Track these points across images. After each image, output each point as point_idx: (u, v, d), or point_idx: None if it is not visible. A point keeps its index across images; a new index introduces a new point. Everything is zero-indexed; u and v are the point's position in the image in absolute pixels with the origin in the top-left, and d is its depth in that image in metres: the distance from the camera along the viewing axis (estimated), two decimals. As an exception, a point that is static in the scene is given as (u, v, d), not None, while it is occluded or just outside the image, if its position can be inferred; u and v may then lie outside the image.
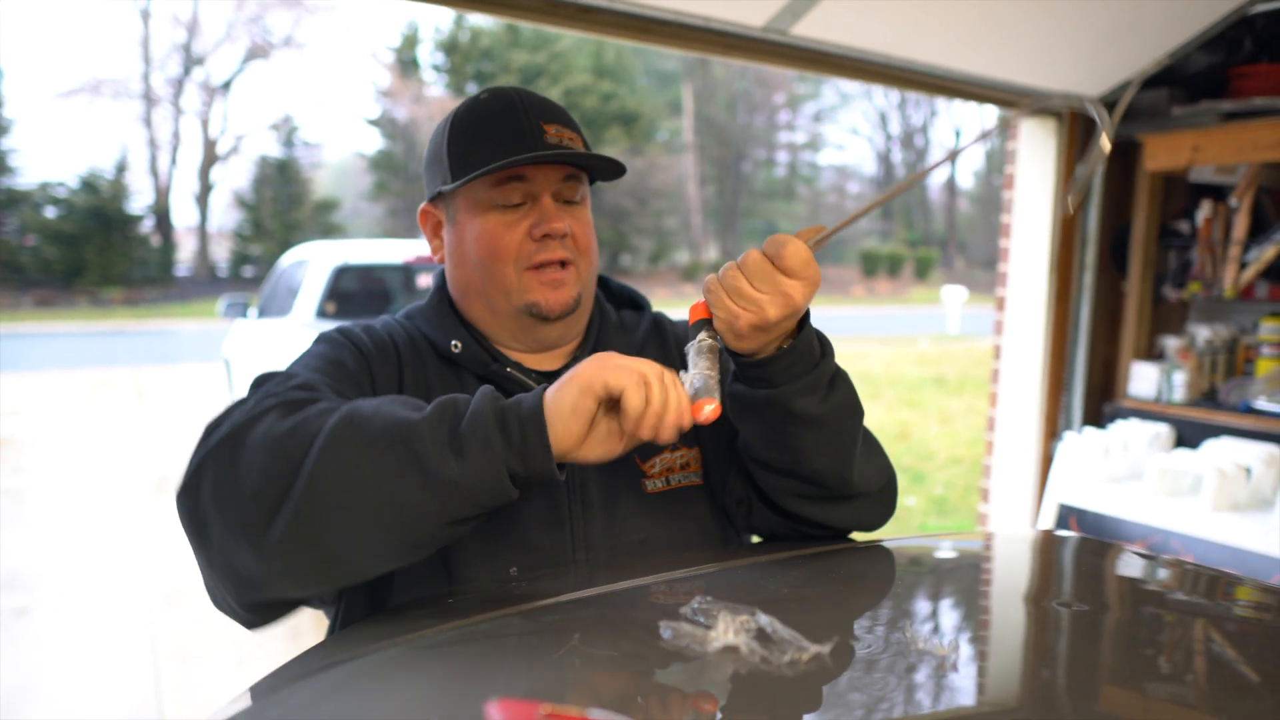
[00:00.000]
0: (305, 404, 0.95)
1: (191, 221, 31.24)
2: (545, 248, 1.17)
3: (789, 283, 0.96)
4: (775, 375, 1.03)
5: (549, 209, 1.17)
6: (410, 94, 32.47)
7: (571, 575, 1.02)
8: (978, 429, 9.59)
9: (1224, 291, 3.32)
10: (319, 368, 1.11)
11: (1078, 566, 1.14)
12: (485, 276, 1.19)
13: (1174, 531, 2.80)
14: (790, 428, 1.06)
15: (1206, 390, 3.43)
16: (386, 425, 0.89)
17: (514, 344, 1.24)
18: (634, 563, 1.04)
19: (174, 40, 30.37)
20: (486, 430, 0.89)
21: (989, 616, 0.89)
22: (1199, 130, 3.24)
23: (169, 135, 30.24)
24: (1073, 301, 3.60)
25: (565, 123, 1.20)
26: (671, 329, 1.38)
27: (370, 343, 1.19)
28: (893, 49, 2.83)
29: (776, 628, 0.63)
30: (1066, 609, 0.88)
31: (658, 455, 1.21)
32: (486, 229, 1.18)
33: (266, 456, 0.88)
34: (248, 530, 0.87)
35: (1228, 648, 0.83)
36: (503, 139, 1.15)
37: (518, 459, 0.90)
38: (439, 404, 0.92)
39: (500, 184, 1.16)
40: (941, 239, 46.74)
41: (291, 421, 0.91)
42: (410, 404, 0.93)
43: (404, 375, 1.18)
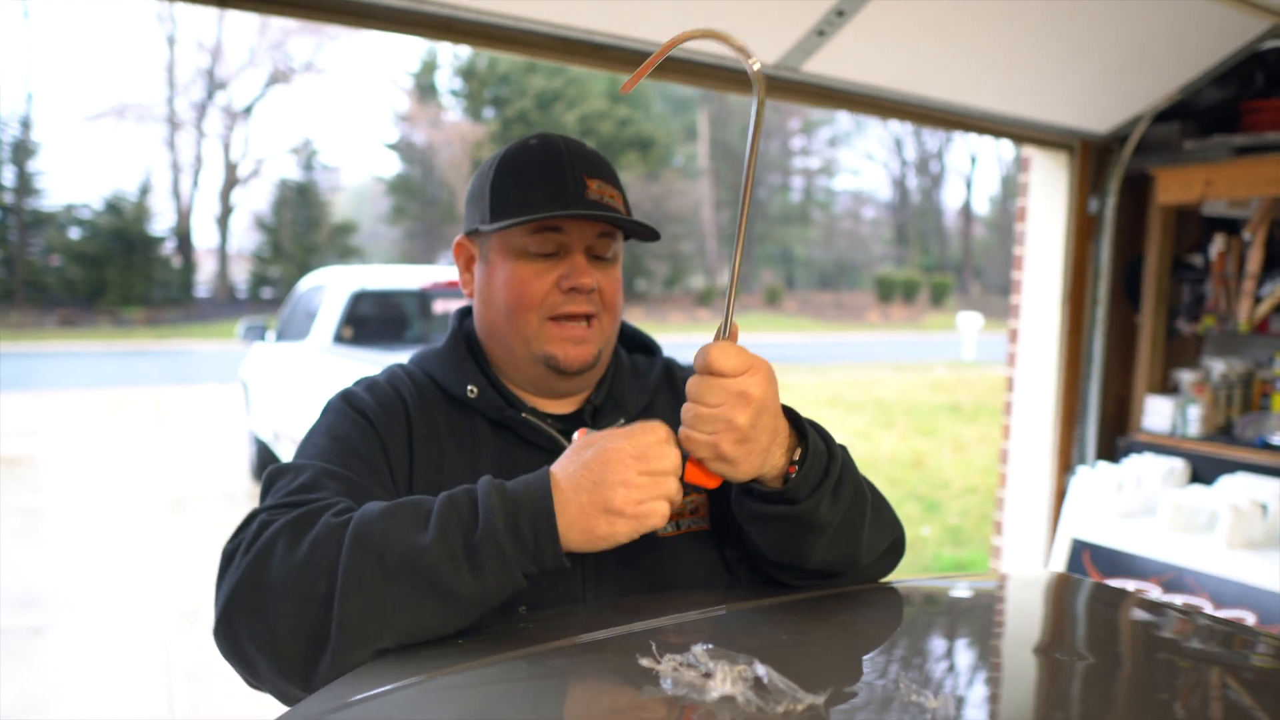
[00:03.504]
0: (313, 518, 0.97)
1: (212, 243, 31.58)
2: (571, 300, 1.19)
3: (736, 382, 0.96)
4: (798, 491, 1.04)
5: (580, 264, 1.19)
6: (428, 119, 32.81)
7: (578, 616, 1.03)
8: (993, 457, 9.54)
9: (1239, 325, 3.31)
10: (328, 451, 1.13)
11: (1086, 615, 1.14)
12: (508, 320, 1.21)
13: (1188, 568, 2.79)
14: (805, 535, 1.07)
15: (1222, 425, 3.42)
16: (400, 557, 0.92)
17: (529, 388, 1.27)
18: (641, 604, 1.05)
19: (198, 65, 30.82)
20: (499, 540, 0.92)
21: (988, 667, 0.90)
22: (1211, 164, 3.25)
23: (191, 158, 30.65)
24: (1085, 334, 3.60)
25: (608, 179, 1.23)
26: (681, 375, 1.40)
27: (376, 406, 1.20)
28: (904, 85, 2.85)
29: (773, 677, 0.65)
30: (1069, 660, 0.89)
31: None
32: (516, 274, 1.20)
33: (293, 605, 0.92)
34: (293, 674, 0.93)
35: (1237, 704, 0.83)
36: (544, 189, 1.18)
37: (530, 561, 0.94)
38: (443, 514, 0.94)
39: (535, 232, 1.18)
40: (957, 265, 46.66)
41: (303, 552, 0.94)
42: (414, 514, 0.95)
43: (413, 432, 1.20)
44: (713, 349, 0.97)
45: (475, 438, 1.21)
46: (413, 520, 0.94)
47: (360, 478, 1.10)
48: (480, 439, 1.22)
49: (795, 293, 41.44)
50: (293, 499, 1.02)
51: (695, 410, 0.97)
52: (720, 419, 0.96)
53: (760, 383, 0.98)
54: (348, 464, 1.11)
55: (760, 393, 0.97)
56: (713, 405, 0.96)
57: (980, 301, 40.20)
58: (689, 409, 0.98)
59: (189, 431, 9.97)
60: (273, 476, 1.09)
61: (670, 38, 0.98)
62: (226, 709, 3.48)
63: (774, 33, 2.44)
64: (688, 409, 0.98)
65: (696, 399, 0.97)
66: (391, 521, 0.94)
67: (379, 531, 0.93)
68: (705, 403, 0.97)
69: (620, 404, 1.29)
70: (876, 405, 13.26)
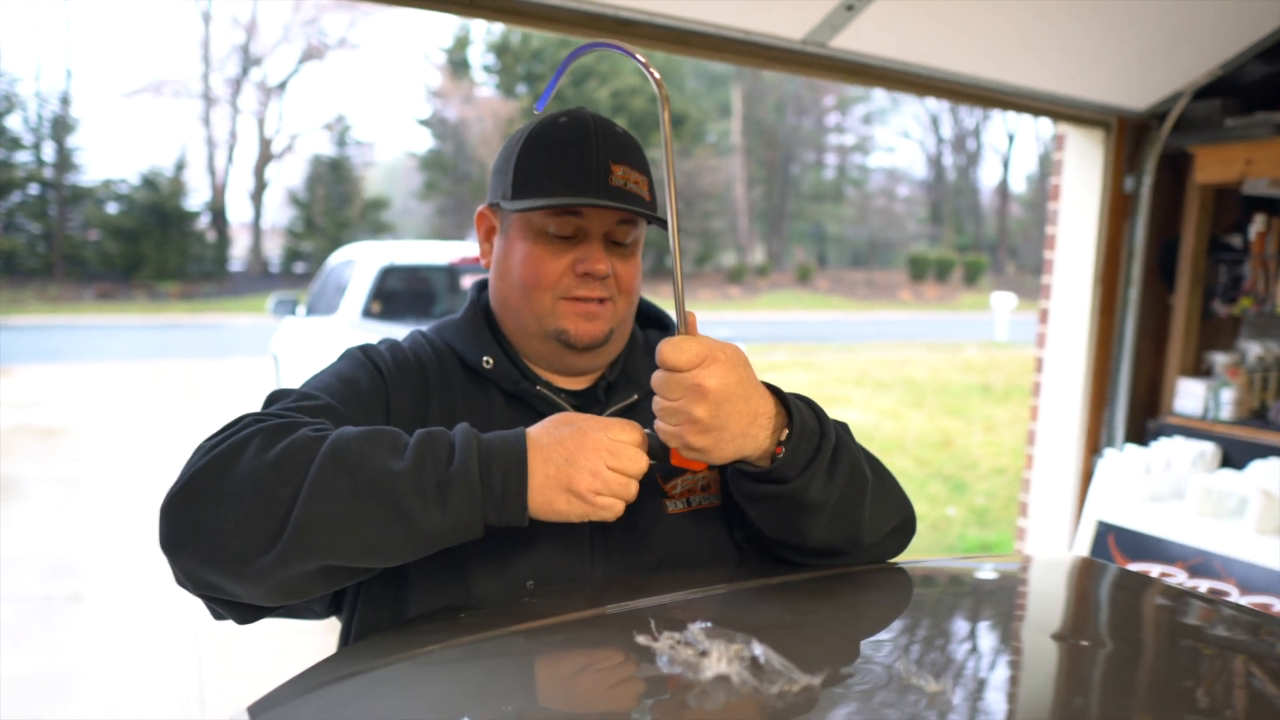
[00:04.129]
0: (291, 428, 0.98)
1: (246, 218, 31.86)
2: (585, 284, 1.20)
3: (690, 376, 0.97)
4: (786, 470, 1.04)
5: (596, 250, 1.19)
6: (461, 95, 32.80)
7: (583, 593, 1.03)
8: (1023, 439, 9.45)
9: (1277, 307, 3.24)
10: (332, 387, 1.15)
11: (1105, 600, 1.13)
12: (522, 297, 1.22)
13: (1215, 553, 2.75)
14: (800, 514, 1.08)
15: (1256, 408, 3.36)
16: (371, 477, 0.93)
17: (542, 363, 1.27)
18: (647, 582, 1.05)
19: (233, 41, 31.06)
20: (470, 482, 0.94)
21: (994, 651, 0.89)
22: (1253, 142, 3.18)
23: (226, 134, 30.89)
24: (1117, 315, 3.54)
25: (635, 164, 1.22)
26: None
27: (392, 362, 1.22)
28: (935, 60, 2.80)
29: (769, 657, 0.65)
30: (1080, 646, 0.88)
31: (679, 476, 1.23)
32: (533, 253, 1.20)
33: (252, 494, 0.92)
34: (230, 561, 0.92)
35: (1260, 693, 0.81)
36: (567, 172, 1.17)
37: (495, 511, 0.96)
38: (420, 446, 0.96)
39: (556, 215, 1.18)
40: (992, 244, 46.06)
41: (275, 453, 0.95)
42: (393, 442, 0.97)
43: (430, 396, 1.21)
44: (665, 345, 0.99)
45: (490, 408, 1.22)
46: (390, 447, 0.96)
47: (356, 421, 1.11)
48: (495, 410, 1.22)
49: (827, 270, 41.12)
50: (283, 413, 1.04)
51: (660, 403, 1.00)
52: (679, 412, 0.98)
53: (717, 373, 0.98)
54: (349, 405, 1.13)
55: (717, 384, 0.98)
56: (671, 400, 0.98)
57: (1015, 281, 39.69)
58: (655, 402, 1.00)
59: (222, 404, 10.11)
60: (274, 396, 1.11)
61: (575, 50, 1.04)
62: (255, 677, 3.55)
63: (801, 5, 2.40)
64: (655, 402, 1.00)
65: (660, 392, 1.00)
66: (368, 444, 0.96)
67: (355, 449, 0.95)
68: (666, 396, 0.99)
69: (634, 380, 1.29)
70: (907, 385, 13.16)
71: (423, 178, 34.33)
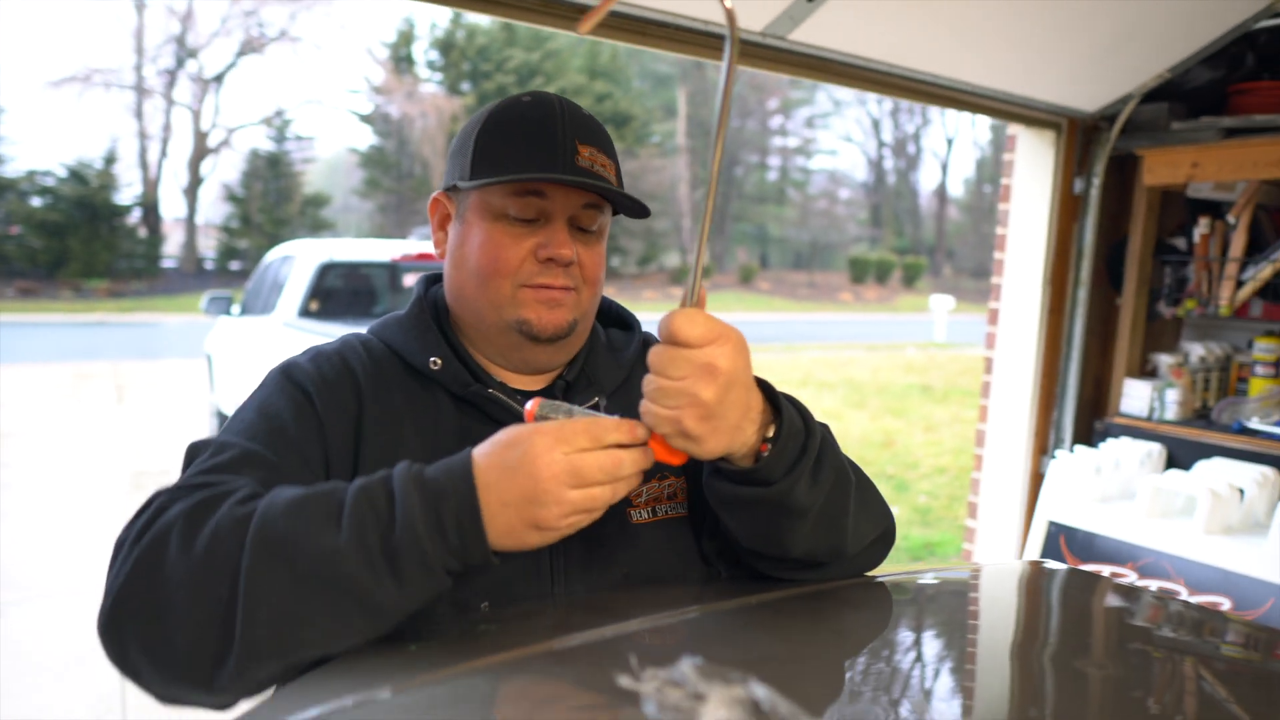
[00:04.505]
0: (212, 506, 0.88)
1: (180, 214, 31.04)
2: (547, 271, 1.11)
3: (702, 353, 0.88)
4: (771, 471, 0.96)
5: (560, 234, 1.11)
6: (404, 91, 32.36)
7: (545, 616, 0.95)
8: (963, 438, 9.56)
9: (1220, 309, 3.28)
10: (254, 428, 1.04)
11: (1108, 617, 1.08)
12: (479, 285, 1.13)
13: (1165, 553, 2.76)
14: (783, 521, 1.00)
15: (1198, 409, 3.39)
16: (311, 561, 0.83)
17: (499, 360, 1.18)
18: (614, 602, 0.98)
19: (168, 31, 30.18)
20: (420, 541, 0.84)
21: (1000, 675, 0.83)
22: (1199, 146, 3.20)
23: (160, 127, 30.06)
24: (1066, 316, 3.55)
25: (602, 147, 1.14)
26: None
27: (319, 378, 1.10)
28: (893, 56, 2.77)
29: (775, 702, 0.57)
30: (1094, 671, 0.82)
31: (644, 484, 1.15)
32: (492, 238, 1.11)
33: (187, 605, 0.83)
34: (191, 683, 0.84)
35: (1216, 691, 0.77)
36: (531, 149, 1.09)
37: (456, 559, 0.86)
38: (357, 508, 0.85)
39: (517, 195, 1.09)
40: (930, 247, 46.86)
41: (200, 547, 0.85)
42: (326, 509, 0.86)
43: (364, 409, 1.10)
44: (677, 316, 0.88)
45: (437, 414, 1.12)
46: (323, 516, 0.85)
47: (286, 463, 1.01)
48: (442, 416, 1.12)
49: (769, 272, 41.45)
50: (201, 479, 0.93)
51: (657, 383, 0.89)
52: (684, 393, 0.87)
53: (729, 354, 0.89)
54: (275, 446, 1.01)
55: (729, 365, 0.89)
56: (676, 378, 0.88)
57: (952, 284, 40.47)
58: (650, 381, 0.90)
59: (152, 407, 9.77)
60: (192, 452, 1.00)
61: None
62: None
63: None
64: (649, 381, 0.90)
65: (659, 371, 0.89)
66: (299, 519, 0.84)
67: (286, 530, 0.84)
68: (668, 375, 0.88)
69: (595, 381, 1.21)
70: (848, 385, 13.27)
71: (364, 175, 33.81)
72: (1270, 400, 3.19)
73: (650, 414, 0.90)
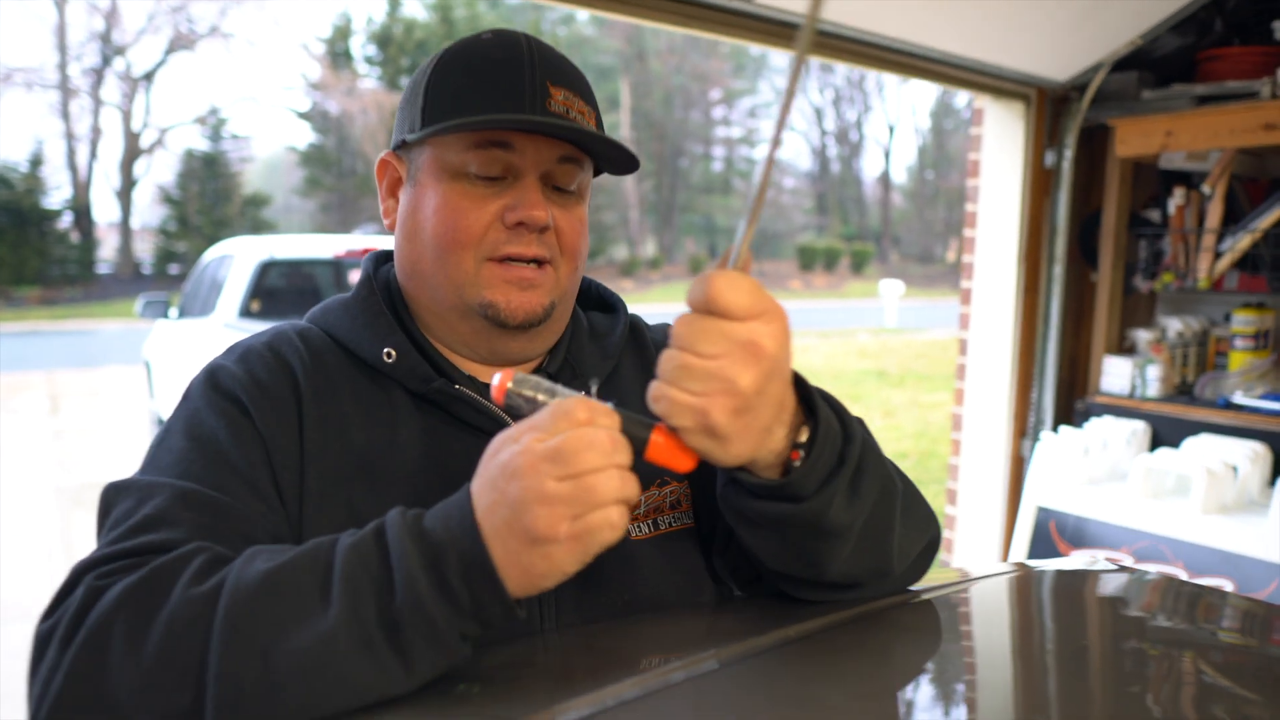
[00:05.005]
0: (163, 587, 0.69)
1: (114, 218, 30.09)
2: (518, 239, 0.92)
3: (745, 328, 0.70)
4: (802, 485, 0.78)
5: (532, 193, 0.92)
6: (343, 87, 31.68)
7: (535, 668, 0.77)
8: (923, 422, 9.54)
9: (1198, 282, 3.19)
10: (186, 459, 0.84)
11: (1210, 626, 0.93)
12: (437, 260, 0.94)
13: (1162, 536, 2.65)
14: (817, 542, 0.82)
15: (1178, 385, 3.31)
16: (297, 653, 0.64)
17: (464, 351, 0.99)
18: (619, 642, 0.80)
19: (91, 28, 29.18)
20: (425, 608, 0.66)
21: None
22: (1172, 114, 3.11)
23: (88, 128, 29.08)
24: (1042, 293, 3.45)
25: (579, 91, 0.95)
26: (652, 336, 1.14)
27: (251, 385, 0.90)
28: (858, 21, 2.63)
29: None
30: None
31: (643, 492, 0.98)
32: (450, 200, 0.92)
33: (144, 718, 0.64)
34: None
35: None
36: (494, 92, 0.90)
37: (472, 623, 0.69)
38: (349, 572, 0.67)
39: (479, 147, 0.91)
40: (876, 233, 47.22)
41: (154, 647, 0.66)
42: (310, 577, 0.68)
43: (302, 411, 0.91)
44: (718, 278, 0.70)
45: (394, 417, 0.93)
46: (307, 589, 0.67)
47: (232, 497, 0.81)
48: (400, 419, 0.93)
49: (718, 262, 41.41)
50: (132, 544, 0.73)
51: (682, 360, 0.70)
52: (716, 376, 0.69)
53: (776, 334, 0.71)
54: (213, 478, 0.82)
55: (775, 348, 0.71)
56: (708, 355, 0.69)
57: (899, 269, 40.85)
58: (672, 357, 0.71)
59: (89, 417, 9.35)
60: (109, 501, 0.80)
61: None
62: None
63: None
64: (670, 357, 0.71)
65: (686, 345, 0.70)
66: (277, 597, 0.66)
67: (262, 615, 0.65)
68: (698, 351, 0.70)
69: (580, 372, 1.03)
70: (803, 372, 13.18)
71: (304, 173, 33.08)
72: (1253, 374, 3.12)
73: (666, 400, 0.71)
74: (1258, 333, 3.16)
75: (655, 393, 0.72)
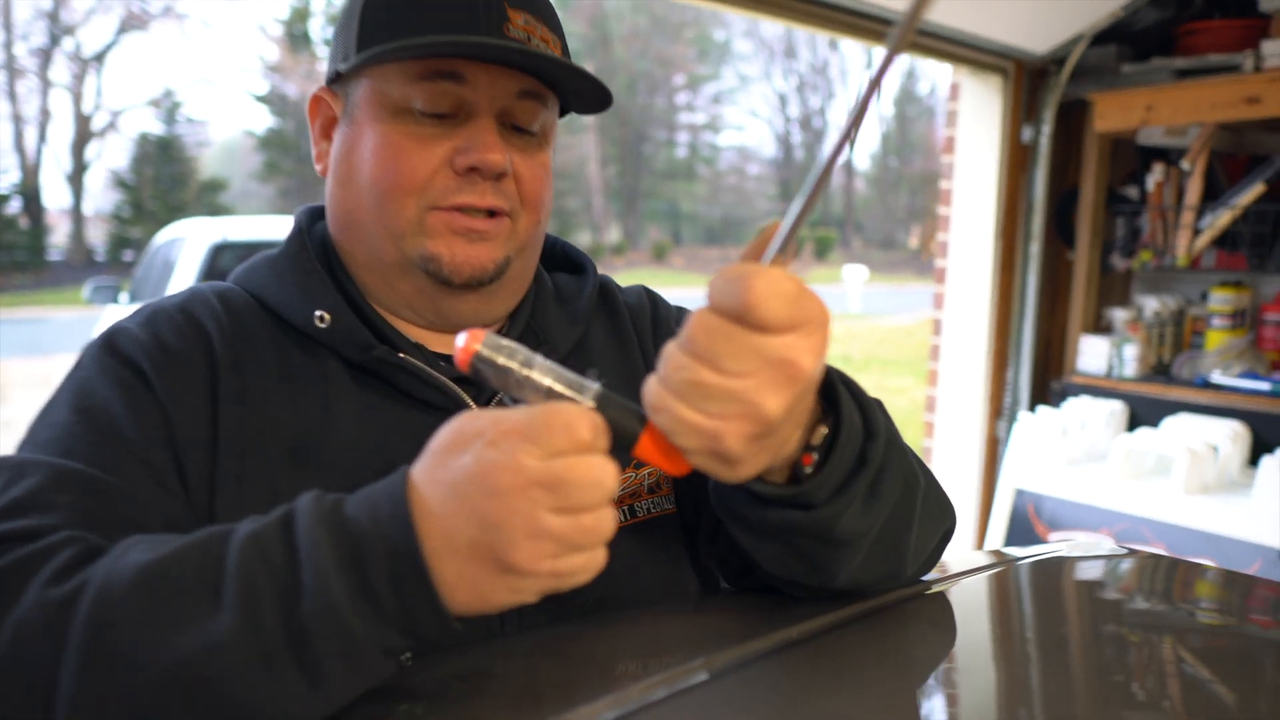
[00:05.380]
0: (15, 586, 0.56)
1: (65, 203, 29.37)
2: (470, 186, 0.80)
3: (780, 343, 0.56)
4: (815, 493, 0.66)
5: (486, 133, 0.79)
6: (301, 70, 31.08)
7: (495, 679, 0.65)
8: (889, 406, 9.53)
9: (1177, 260, 3.13)
10: (69, 434, 0.71)
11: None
12: (376, 209, 0.81)
13: (1142, 517, 2.59)
14: (827, 551, 0.70)
15: (1154, 365, 3.25)
16: (174, 667, 0.52)
17: (408, 315, 0.86)
18: (590, 648, 0.69)
19: (38, 6, 28.36)
20: (344, 620, 0.53)
21: None
22: (1152, 88, 3.03)
23: (36, 110, 28.30)
24: (1018, 272, 3.37)
25: (541, 15, 0.82)
26: (624, 299, 1.02)
27: (156, 351, 0.77)
28: (838, -12, 2.52)
29: None
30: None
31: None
32: (390, 140, 0.79)
33: None
34: None
35: None
36: (441, 12, 0.77)
37: (398, 634, 0.56)
38: (246, 573, 0.54)
39: (424, 79, 0.78)
40: (840, 220, 47.41)
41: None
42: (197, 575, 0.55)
43: (219, 383, 0.77)
44: (759, 281, 0.55)
45: (327, 391, 0.80)
46: (192, 589, 0.54)
47: (121, 479, 0.68)
48: (335, 393, 0.80)
49: (682, 248, 41.37)
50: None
51: (697, 375, 0.57)
52: (738, 399, 0.56)
53: (816, 347, 0.58)
54: (101, 456, 0.69)
55: (814, 364, 0.58)
56: (731, 373, 0.56)
57: (862, 255, 41.04)
58: (683, 367, 0.57)
59: (38, 406, 9.06)
60: None
61: None
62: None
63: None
64: (681, 365, 0.57)
65: (706, 357, 0.56)
66: (153, 598, 0.54)
67: (133, 621, 0.53)
68: (721, 367, 0.56)
69: (545, 339, 0.91)
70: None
71: (262, 158, 32.49)
72: (1230, 353, 3.06)
73: (670, 416, 0.58)
74: (1235, 311, 3.11)
75: (656, 402, 0.59)
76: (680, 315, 1.04)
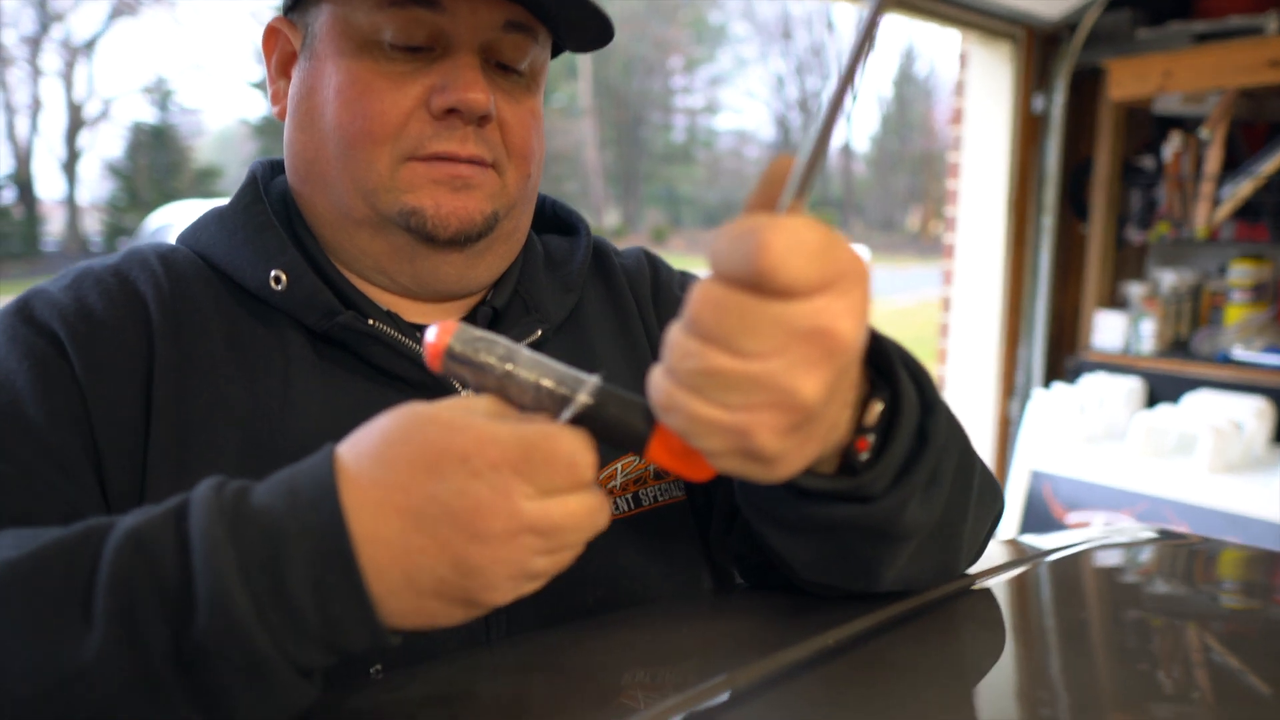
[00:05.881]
0: None
1: (60, 193, 29.20)
2: (448, 132, 0.69)
3: (809, 308, 0.44)
4: (874, 483, 0.55)
5: (467, 70, 0.68)
6: (294, 55, 30.94)
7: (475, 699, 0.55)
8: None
9: (1195, 232, 3.02)
10: None
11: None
12: (341, 157, 0.70)
13: (1164, 498, 2.49)
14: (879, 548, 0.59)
15: (1172, 340, 3.15)
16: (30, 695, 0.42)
17: (379, 279, 0.75)
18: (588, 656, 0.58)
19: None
20: (248, 637, 0.43)
21: None
22: (1169, 54, 2.92)
23: (27, 98, 28.08)
24: (1030, 246, 3.27)
25: None
26: (619, 261, 0.91)
27: (78, 315, 0.66)
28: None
29: None
30: None
31: (618, 459, 0.75)
32: (356, 78, 0.68)
33: None
34: None
35: None
36: None
37: (320, 651, 0.45)
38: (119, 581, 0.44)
39: (395, 4, 0.67)
40: (839, 202, 47.23)
41: None
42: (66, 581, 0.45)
43: (155, 355, 0.66)
44: (775, 234, 0.43)
45: (285, 363, 0.69)
46: (55, 598, 0.44)
47: (12, 465, 0.59)
48: (294, 366, 0.69)
49: (682, 231, 41.20)
50: None
51: (709, 361, 0.44)
52: (765, 385, 0.44)
53: (855, 308, 0.45)
54: (13, 461, 0.59)
55: (855, 329, 0.45)
56: (752, 355, 0.43)
57: (863, 237, 40.87)
58: (690, 353, 0.45)
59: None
60: None
61: None
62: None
63: None
64: (688, 352, 0.45)
65: (716, 336, 0.44)
66: (11, 609, 0.43)
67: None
68: (737, 348, 0.44)
69: (535, 308, 0.80)
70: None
71: (258, 145, 32.28)
72: (1251, 327, 2.96)
73: (682, 415, 0.46)
74: (1256, 285, 3.01)
75: (665, 400, 0.46)
76: (684, 281, 0.94)
